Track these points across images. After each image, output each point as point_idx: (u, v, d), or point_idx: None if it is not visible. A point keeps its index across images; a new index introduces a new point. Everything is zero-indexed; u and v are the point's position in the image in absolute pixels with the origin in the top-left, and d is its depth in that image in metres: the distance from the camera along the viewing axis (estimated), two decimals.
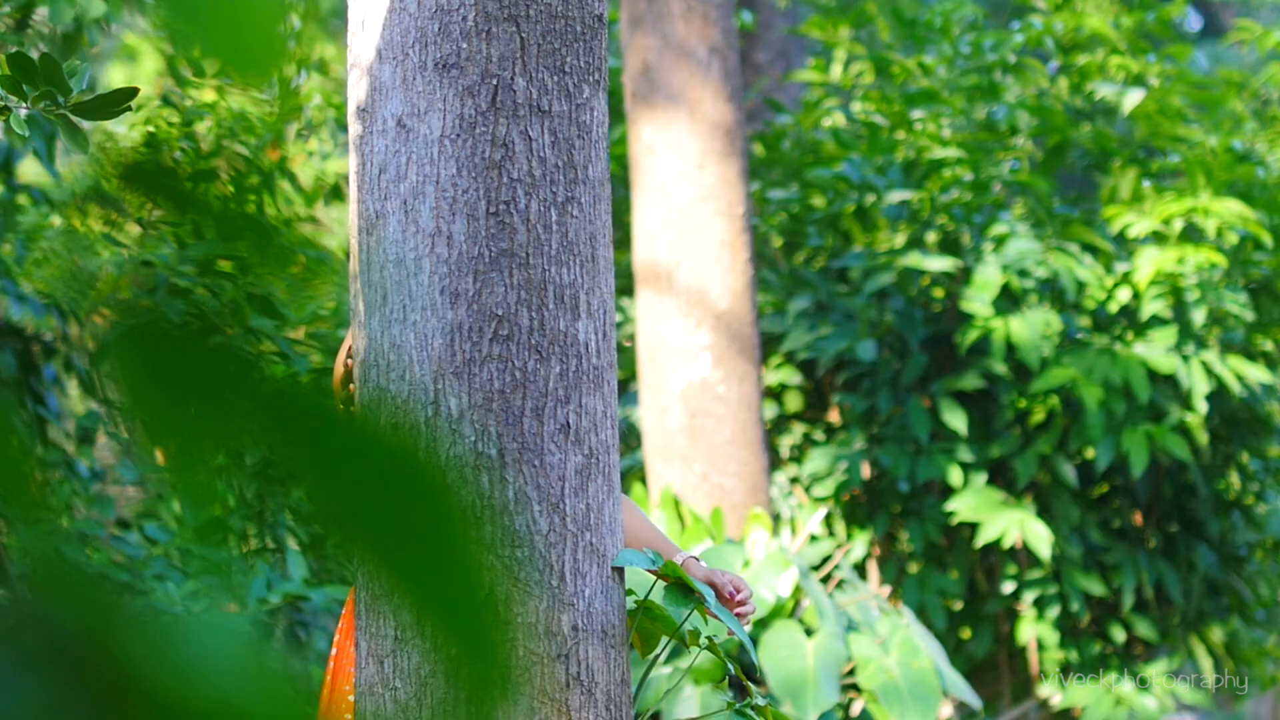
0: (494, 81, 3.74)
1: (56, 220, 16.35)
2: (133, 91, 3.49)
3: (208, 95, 7.97)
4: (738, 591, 3.93)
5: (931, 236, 8.73)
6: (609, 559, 3.82)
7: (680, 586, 3.88)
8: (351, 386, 3.91)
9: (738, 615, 3.91)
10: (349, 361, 3.95)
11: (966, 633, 8.76)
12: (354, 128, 3.88)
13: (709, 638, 4.04)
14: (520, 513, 3.70)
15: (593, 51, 3.87)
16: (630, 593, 3.97)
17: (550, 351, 3.74)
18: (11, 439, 1.08)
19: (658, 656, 4.11)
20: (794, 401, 8.90)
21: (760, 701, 4.03)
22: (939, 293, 8.74)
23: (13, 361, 8.41)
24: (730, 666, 4.11)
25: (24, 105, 3.54)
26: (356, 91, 3.88)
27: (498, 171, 3.73)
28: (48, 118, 3.42)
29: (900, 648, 6.73)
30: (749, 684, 4.11)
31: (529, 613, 3.68)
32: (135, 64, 17.14)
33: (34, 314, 8.71)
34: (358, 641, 3.83)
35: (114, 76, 18.05)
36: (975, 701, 7.01)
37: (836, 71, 9.75)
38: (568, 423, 3.75)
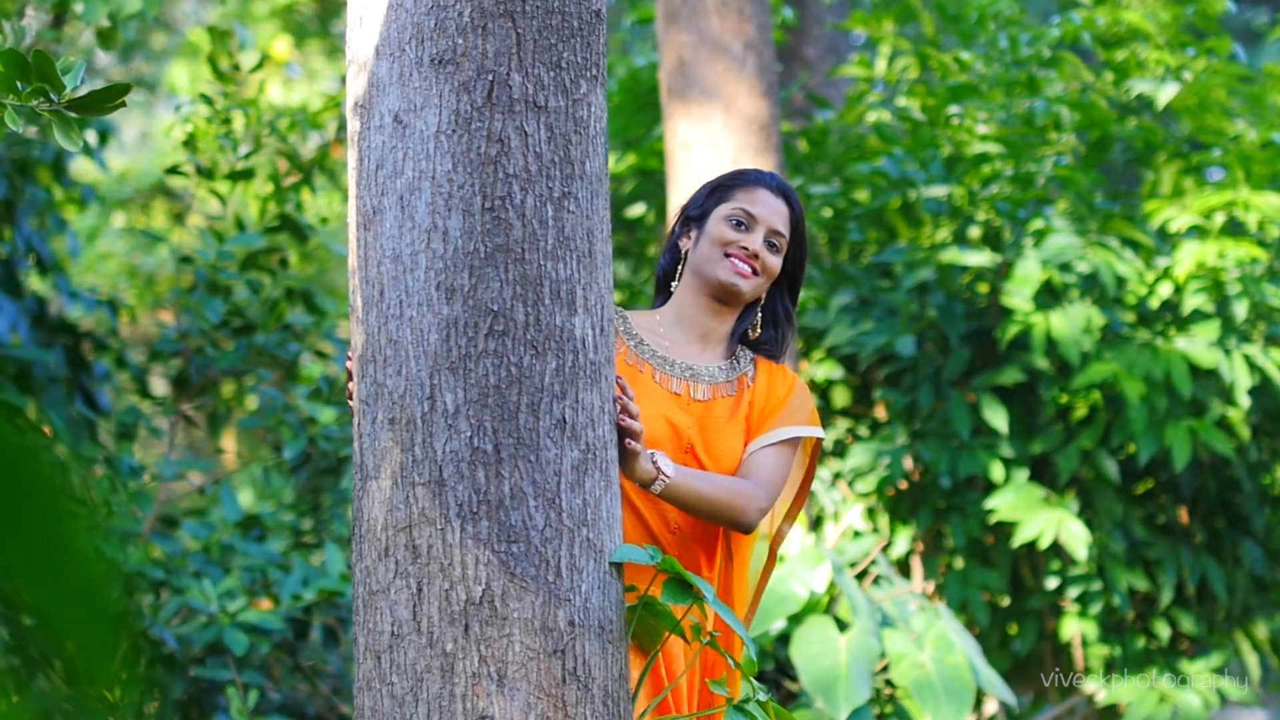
0: (490, 77, 3.74)
1: (120, 218, 16.45)
2: (125, 88, 3.51)
3: (249, 91, 8.01)
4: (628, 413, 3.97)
5: (975, 231, 8.70)
6: (606, 554, 3.82)
7: (678, 581, 3.87)
8: (350, 385, 3.93)
9: (623, 425, 3.95)
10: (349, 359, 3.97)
11: (1014, 628, 8.72)
12: (352, 124, 3.90)
13: (712, 635, 4.03)
14: (516, 508, 3.70)
15: (590, 47, 3.87)
16: (632, 587, 3.97)
17: (546, 347, 3.74)
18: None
19: (658, 654, 4.10)
20: (841, 396, 8.89)
21: (762, 698, 4.01)
22: (983, 288, 8.71)
23: (63, 358, 8.46)
24: (731, 662, 4.09)
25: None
26: (355, 87, 3.90)
27: (493, 167, 3.73)
28: (40, 114, 3.44)
29: (934, 643, 6.71)
30: (752, 681, 4.09)
31: (525, 608, 3.68)
32: (198, 60, 17.22)
33: (86, 309, 8.77)
34: (355, 637, 3.84)
35: (176, 73, 18.17)
36: (1010, 698, 6.98)
37: (881, 67, 9.72)
38: (564, 418, 3.75)
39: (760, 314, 4.59)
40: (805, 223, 4.60)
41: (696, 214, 4.58)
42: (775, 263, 4.50)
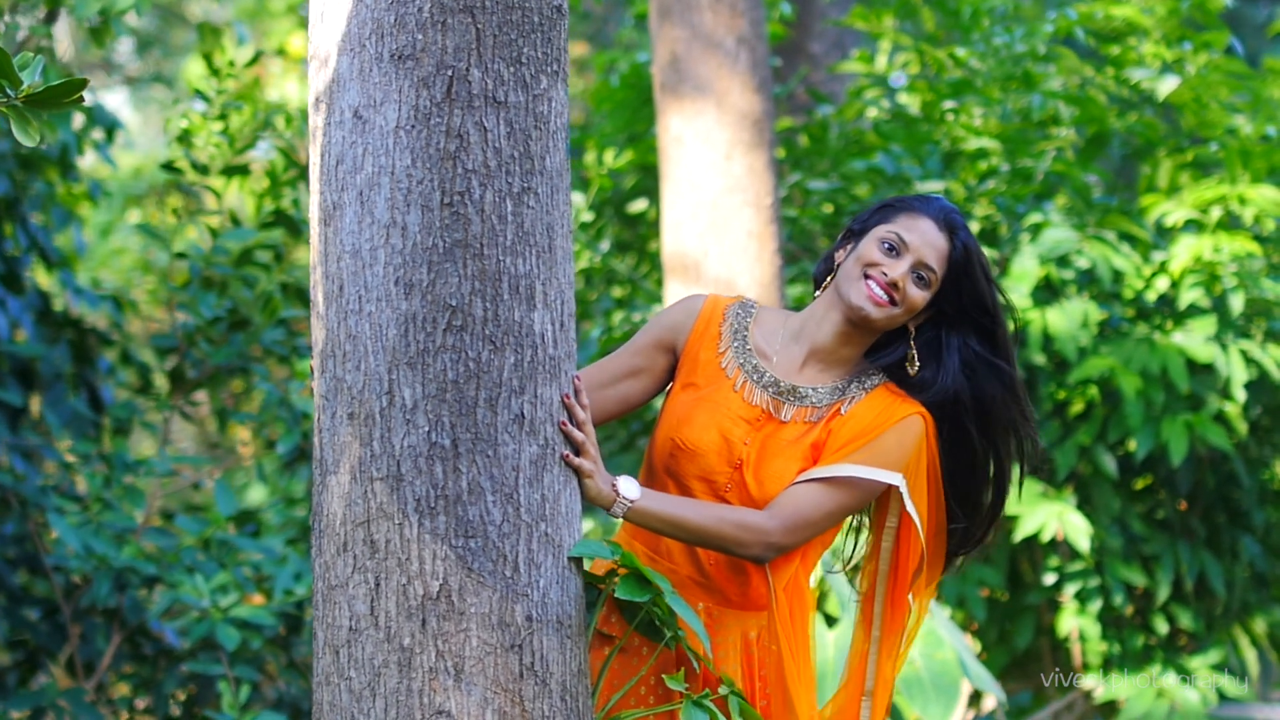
0: (449, 73, 3.75)
1: (136, 214, 16.48)
2: (82, 83, 3.52)
3: (244, 87, 8.01)
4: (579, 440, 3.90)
5: (974, 227, 8.69)
6: (565, 549, 3.82)
7: (637, 576, 3.87)
8: (310, 383, 3.93)
9: (563, 430, 3.86)
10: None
11: (1012, 624, 8.72)
12: (313, 119, 3.91)
13: (676, 633, 4.02)
14: (473, 503, 3.70)
15: (551, 42, 3.87)
16: (609, 574, 3.96)
17: (504, 342, 3.74)
18: None
19: (617, 650, 4.10)
20: None
21: (724, 692, 4.01)
22: None
23: (68, 353, 8.48)
24: (693, 658, 4.08)
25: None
26: (316, 83, 3.90)
27: (452, 162, 3.73)
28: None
29: (923, 639, 6.70)
30: (720, 675, 4.09)
31: (482, 603, 3.69)
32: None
33: (90, 305, 8.79)
34: (314, 631, 3.85)
35: (193, 69, 18.21)
36: (1000, 694, 6.98)
37: (881, 62, 9.71)
38: (522, 413, 3.76)
39: (915, 348, 4.27)
40: (978, 263, 4.25)
41: (858, 228, 4.31)
42: (919, 297, 4.19)
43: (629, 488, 3.97)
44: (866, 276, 4.18)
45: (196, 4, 21.35)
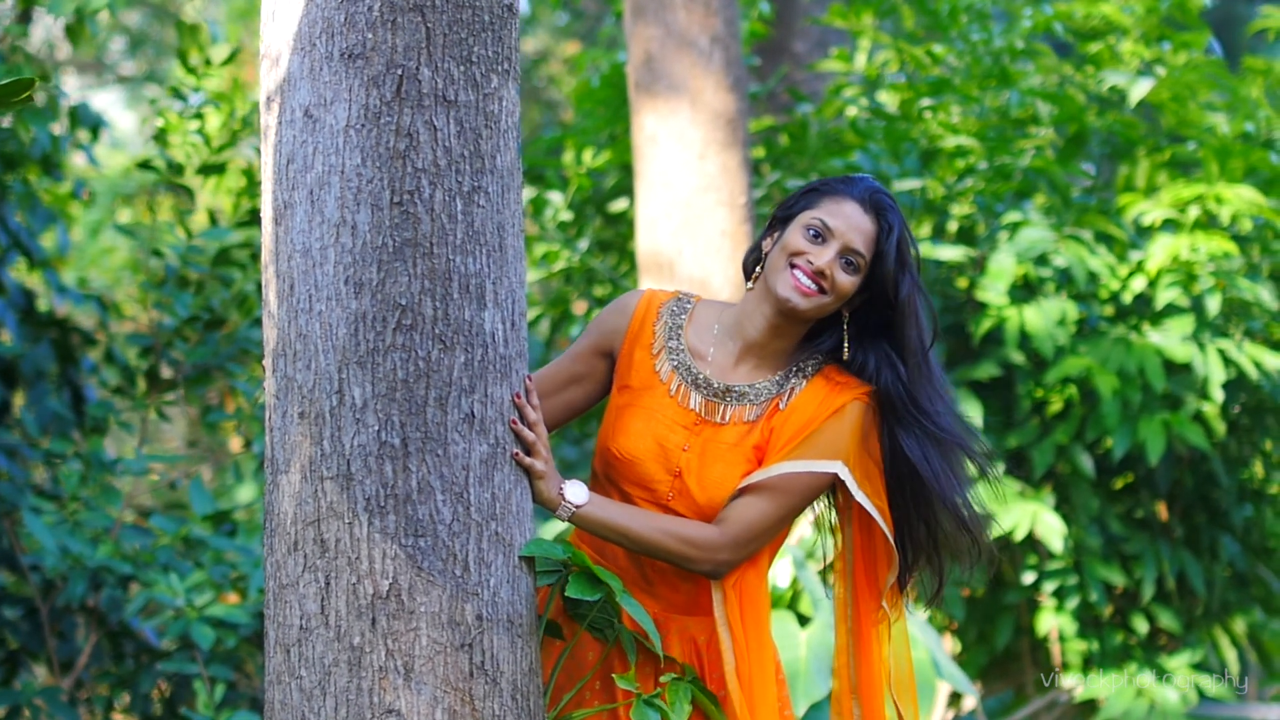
0: (399, 72, 3.75)
1: (126, 214, 16.46)
2: (29, 83, 3.52)
3: (222, 85, 8.01)
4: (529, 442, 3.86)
5: (953, 225, 8.69)
6: (516, 548, 3.81)
7: (587, 575, 3.87)
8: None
9: (514, 429, 3.81)
10: None
11: (992, 623, 8.72)
12: (264, 118, 3.91)
13: (631, 632, 4.02)
14: (423, 502, 3.70)
15: (501, 41, 3.87)
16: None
17: (455, 341, 3.74)
18: None
19: (568, 650, 4.10)
20: None
21: (667, 679, 4.00)
22: (963, 283, 8.69)
23: (51, 352, 8.48)
24: (632, 654, 4.07)
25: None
26: (267, 82, 3.90)
27: (402, 161, 3.73)
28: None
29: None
30: (682, 665, 4.08)
31: (432, 602, 3.69)
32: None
33: (74, 304, 8.78)
34: (266, 630, 3.85)
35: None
36: (973, 692, 6.98)
37: (861, 61, 9.71)
38: (472, 412, 3.76)
39: (846, 333, 4.15)
40: (907, 246, 4.11)
41: (783, 215, 4.16)
42: (848, 283, 4.05)
43: (575, 492, 3.94)
44: (792, 266, 4.06)
45: (190, 3, 21.34)
